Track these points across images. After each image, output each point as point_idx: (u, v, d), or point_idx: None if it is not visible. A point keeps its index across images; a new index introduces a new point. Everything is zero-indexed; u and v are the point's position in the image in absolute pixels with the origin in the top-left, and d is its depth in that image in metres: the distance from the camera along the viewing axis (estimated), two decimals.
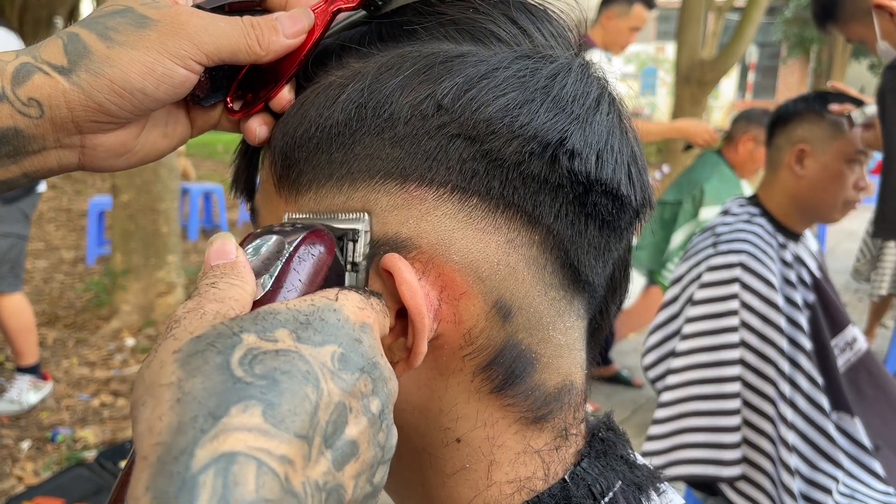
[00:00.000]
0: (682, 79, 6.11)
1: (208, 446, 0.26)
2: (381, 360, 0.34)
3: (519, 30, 0.42)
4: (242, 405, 0.27)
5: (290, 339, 0.31)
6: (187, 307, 0.32)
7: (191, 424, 0.27)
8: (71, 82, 0.39)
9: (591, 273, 0.42)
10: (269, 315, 0.31)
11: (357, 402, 0.31)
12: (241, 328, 0.30)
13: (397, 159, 0.39)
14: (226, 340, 0.30)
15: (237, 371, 0.28)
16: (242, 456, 0.26)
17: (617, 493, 0.43)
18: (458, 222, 0.39)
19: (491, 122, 0.38)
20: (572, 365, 0.44)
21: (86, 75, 0.39)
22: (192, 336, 0.30)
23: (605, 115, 0.41)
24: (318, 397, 0.29)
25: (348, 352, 0.32)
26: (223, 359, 0.29)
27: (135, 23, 0.40)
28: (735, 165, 3.12)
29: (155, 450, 0.27)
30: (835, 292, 1.79)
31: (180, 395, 0.28)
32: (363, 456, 0.31)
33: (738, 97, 19.18)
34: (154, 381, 0.29)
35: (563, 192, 0.39)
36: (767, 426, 1.62)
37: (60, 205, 6.79)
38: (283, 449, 0.27)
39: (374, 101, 0.39)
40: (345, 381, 0.31)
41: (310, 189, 0.41)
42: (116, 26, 0.40)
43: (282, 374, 0.29)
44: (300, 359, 0.30)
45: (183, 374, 0.28)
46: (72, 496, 2.16)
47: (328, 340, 0.31)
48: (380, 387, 0.33)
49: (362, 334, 0.33)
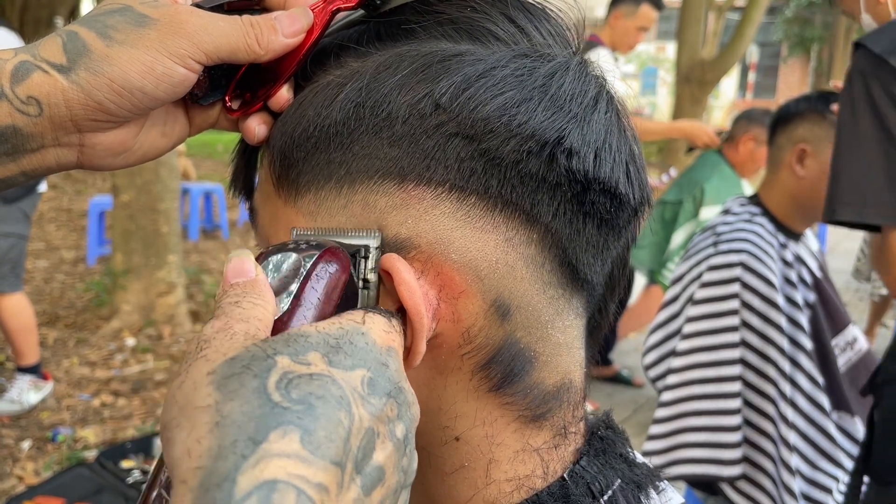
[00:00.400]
0: (683, 78, 6.12)
1: (250, 473, 0.26)
2: (405, 385, 0.34)
3: (517, 29, 0.42)
4: (281, 430, 0.27)
5: (323, 363, 0.30)
6: (215, 327, 0.32)
7: (231, 449, 0.27)
8: (70, 81, 0.39)
9: (590, 271, 0.42)
10: (300, 338, 0.31)
11: (384, 427, 0.31)
12: (275, 350, 0.30)
13: (395, 158, 0.39)
14: (261, 363, 0.29)
15: (274, 395, 0.28)
16: (283, 484, 0.26)
17: (616, 491, 0.43)
18: (457, 221, 0.38)
19: (489, 121, 0.38)
20: (571, 363, 0.44)
21: (85, 74, 0.39)
22: (225, 358, 0.30)
23: (604, 114, 0.41)
24: (351, 423, 0.29)
25: (376, 376, 0.32)
26: (260, 382, 0.29)
27: (134, 21, 0.40)
28: (736, 165, 3.12)
29: (196, 474, 0.26)
30: (835, 292, 1.79)
31: (219, 419, 0.28)
32: (388, 481, 0.31)
33: (738, 97, 19.18)
34: (189, 403, 0.29)
35: (561, 190, 0.39)
36: (768, 426, 1.62)
37: (61, 205, 6.79)
38: (320, 476, 0.27)
39: (372, 100, 0.39)
40: (374, 405, 0.31)
41: (309, 190, 0.41)
42: (116, 25, 0.40)
43: (317, 398, 0.29)
44: (333, 383, 0.30)
45: (220, 397, 0.28)
46: (72, 496, 2.17)
47: (358, 365, 0.31)
48: (404, 411, 0.33)
49: (388, 358, 0.33)
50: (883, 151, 1.21)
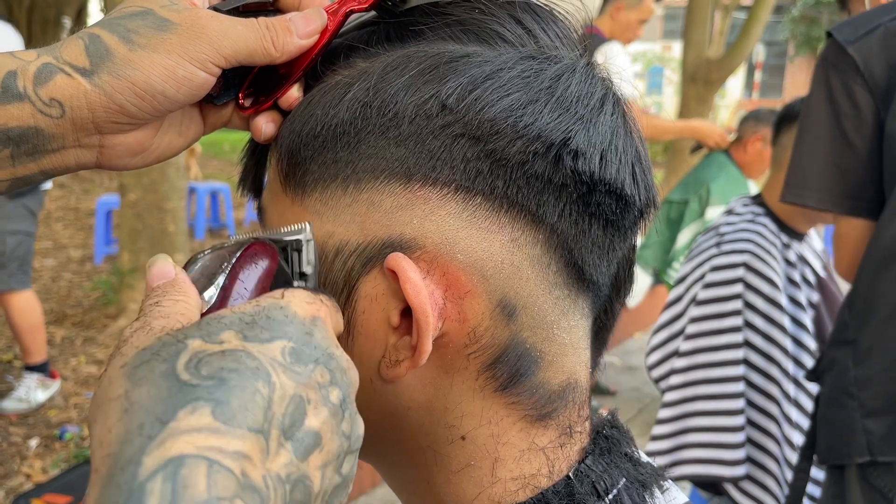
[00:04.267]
0: (689, 78, 6.09)
1: (155, 453, 0.26)
2: (336, 351, 0.34)
3: (524, 31, 0.42)
4: (190, 407, 0.28)
5: (237, 340, 0.31)
6: (134, 327, 0.33)
7: (137, 432, 0.27)
8: (93, 84, 0.40)
9: (596, 272, 0.42)
10: (213, 320, 0.32)
11: (315, 393, 0.32)
12: (186, 335, 0.31)
13: (402, 159, 0.39)
14: (170, 348, 0.30)
15: (183, 375, 0.29)
16: (191, 458, 0.26)
17: (621, 490, 0.43)
18: (463, 222, 0.39)
19: (495, 122, 0.38)
20: (577, 363, 0.44)
21: (108, 77, 0.40)
22: (137, 349, 0.31)
23: (610, 116, 0.41)
24: (271, 391, 0.30)
25: (300, 345, 0.32)
26: (168, 366, 0.29)
27: (156, 26, 0.41)
28: (743, 165, 3.11)
29: (105, 462, 0.27)
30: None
31: (127, 406, 0.28)
32: (327, 446, 0.32)
33: (744, 96, 19.10)
34: (104, 397, 0.29)
35: (566, 191, 0.39)
36: (772, 426, 1.62)
37: (68, 204, 6.81)
38: (237, 445, 0.27)
39: (380, 100, 0.39)
40: (298, 373, 0.31)
41: (315, 189, 0.41)
42: (137, 29, 0.41)
43: (229, 372, 0.29)
44: (247, 356, 0.30)
45: (129, 386, 0.29)
46: (80, 493, 2.17)
47: (277, 336, 0.32)
48: (338, 377, 0.33)
49: (313, 327, 0.34)
50: (830, 139, 1.24)
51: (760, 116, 3.04)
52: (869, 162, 1.21)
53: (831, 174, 1.25)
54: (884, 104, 1.19)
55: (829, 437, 1.26)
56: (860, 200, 1.24)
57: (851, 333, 1.23)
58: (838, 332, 1.28)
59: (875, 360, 1.19)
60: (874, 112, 1.20)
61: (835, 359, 1.26)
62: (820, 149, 1.26)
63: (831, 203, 1.26)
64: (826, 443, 1.26)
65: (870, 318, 1.20)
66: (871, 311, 1.20)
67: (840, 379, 1.24)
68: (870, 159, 1.21)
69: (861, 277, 1.23)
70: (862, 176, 1.22)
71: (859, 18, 1.27)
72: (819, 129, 1.26)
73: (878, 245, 1.20)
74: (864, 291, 1.22)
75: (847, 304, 1.27)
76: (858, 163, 1.22)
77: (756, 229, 1.70)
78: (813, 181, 1.27)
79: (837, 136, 1.23)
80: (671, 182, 5.33)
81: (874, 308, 1.19)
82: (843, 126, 1.22)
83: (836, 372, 1.25)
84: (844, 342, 1.25)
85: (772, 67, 21.06)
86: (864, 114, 1.20)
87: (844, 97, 1.22)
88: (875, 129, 1.20)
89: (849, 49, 1.21)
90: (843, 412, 1.22)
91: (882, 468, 1.17)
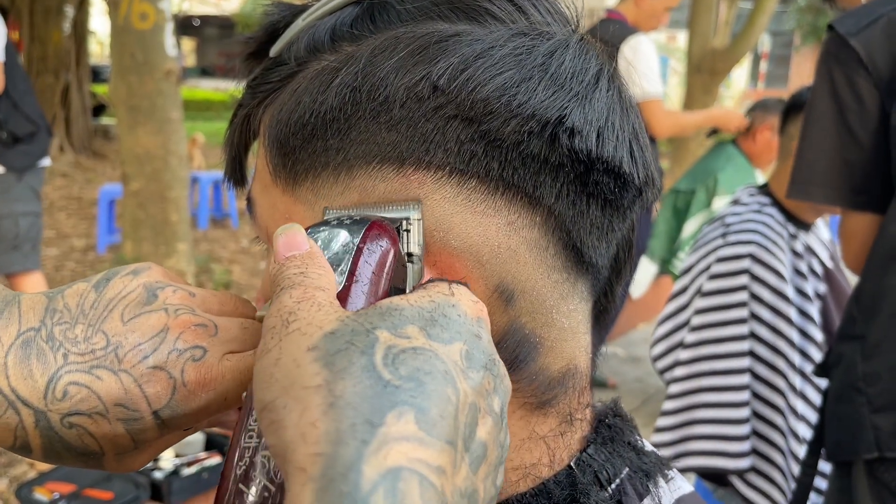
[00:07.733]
0: (694, 68, 6.07)
1: (373, 461, 0.25)
2: (497, 357, 0.33)
3: (514, 7, 0.41)
4: (397, 412, 0.26)
5: (423, 337, 0.30)
6: (294, 297, 0.31)
7: (351, 434, 0.25)
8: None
9: (595, 254, 0.41)
10: (394, 311, 0.30)
11: (483, 401, 0.30)
12: (373, 325, 0.29)
13: (394, 143, 0.38)
14: (363, 338, 0.28)
15: (384, 373, 0.27)
16: (406, 472, 0.25)
17: (624, 479, 0.42)
18: (457, 206, 0.38)
19: (488, 102, 0.37)
20: (577, 349, 0.43)
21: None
22: (323, 331, 0.29)
23: (605, 92, 0.40)
24: (458, 399, 0.28)
25: (472, 349, 0.31)
26: (368, 360, 0.28)
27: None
28: (751, 155, 3.09)
29: (316, 462, 0.25)
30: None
31: (332, 400, 0.26)
32: (490, 457, 0.30)
33: (750, 86, 19.04)
34: (294, 382, 0.27)
35: (563, 171, 0.38)
36: (778, 418, 1.61)
37: (71, 193, 6.82)
38: (438, 458, 0.26)
39: (369, 84, 0.38)
40: (473, 379, 0.30)
41: (306, 178, 0.40)
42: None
43: (425, 374, 0.28)
44: (436, 358, 0.29)
45: (330, 376, 0.27)
46: (83, 482, 2.18)
47: (454, 338, 0.31)
48: (499, 384, 0.32)
49: (480, 329, 0.33)
50: (835, 134, 1.23)
51: (769, 106, 3.02)
52: (875, 156, 1.20)
53: (837, 169, 1.24)
54: (888, 96, 1.17)
55: (837, 432, 1.25)
56: (866, 195, 1.23)
57: (859, 328, 1.22)
58: (846, 327, 1.26)
59: (883, 356, 1.18)
60: (879, 105, 1.19)
61: (843, 354, 1.25)
62: (825, 144, 1.25)
63: (837, 198, 1.25)
64: (834, 439, 1.26)
65: (878, 313, 1.19)
66: (879, 305, 1.19)
67: (848, 374, 1.23)
68: (875, 153, 1.20)
69: (868, 272, 1.22)
70: (868, 170, 1.21)
71: (861, 9, 1.25)
72: (823, 124, 1.24)
73: (886, 239, 1.19)
74: (872, 286, 1.21)
75: (855, 298, 1.26)
76: (864, 157, 1.21)
77: (762, 220, 1.69)
78: (818, 177, 1.26)
79: (842, 131, 1.22)
80: (675, 172, 5.32)
81: (882, 303, 1.18)
82: (848, 120, 1.21)
83: (844, 367, 1.24)
84: (852, 337, 1.24)
85: (777, 57, 20.98)
86: (869, 107, 1.19)
87: (848, 91, 1.20)
88: (880, 122, 1.19)
89: (851, 41, 1.19)
90: (851, 408, 1.21)
91: (890, 464, 1.17)
